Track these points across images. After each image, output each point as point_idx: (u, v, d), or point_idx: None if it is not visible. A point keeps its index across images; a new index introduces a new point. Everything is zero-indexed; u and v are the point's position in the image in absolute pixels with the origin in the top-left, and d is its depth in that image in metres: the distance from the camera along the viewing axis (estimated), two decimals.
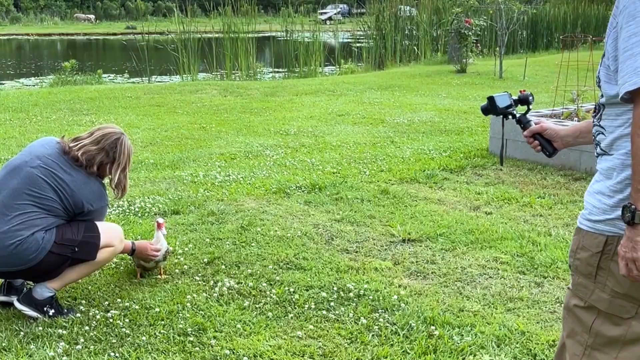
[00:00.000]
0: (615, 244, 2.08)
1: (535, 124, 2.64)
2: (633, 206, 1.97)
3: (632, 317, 2.13)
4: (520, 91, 2.77)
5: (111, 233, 3.90)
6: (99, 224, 3.85)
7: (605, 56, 2.10)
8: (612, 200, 2.08)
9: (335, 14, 54.28)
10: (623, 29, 1.98)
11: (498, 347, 3.47)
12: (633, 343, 2.15)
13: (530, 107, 2.74)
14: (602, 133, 2.15)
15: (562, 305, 2.40)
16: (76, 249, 3.71)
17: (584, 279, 2.20)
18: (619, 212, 2.03)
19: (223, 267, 4.51)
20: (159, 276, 4.38)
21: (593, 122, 2.22)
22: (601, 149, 2.16)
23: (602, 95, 2.14)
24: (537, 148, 2.63)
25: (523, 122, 2.68)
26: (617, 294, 2.12)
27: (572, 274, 2.28)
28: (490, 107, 2.74)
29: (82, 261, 3.79)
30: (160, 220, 4.31)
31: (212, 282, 4.28)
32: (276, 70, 20.17)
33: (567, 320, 2.30)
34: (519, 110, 2.74)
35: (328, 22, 41.31)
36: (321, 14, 47.24)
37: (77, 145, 3.82)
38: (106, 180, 4.03)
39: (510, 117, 2.72)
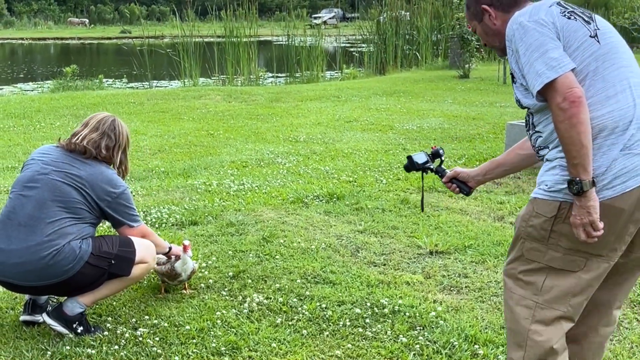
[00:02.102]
0: (567, 208, 2.39)
1: (450, 171, 3.14)
2: (577, 178, 2.31)
3: (581, 269, 2.45)
4: (432, 147, 3.24)
5: (146, 250, 3.78)
6: (134, 239, 3.73)
7: (515, 79, 2.54)
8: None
9: (329, 18, 54.19)
10: (519, 50, 2.44)
11: None
12: (582, 292, 2.47)
13: (443, 158, 3.21)
14: (540, 136, 2.52)
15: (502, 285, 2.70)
16: (112, 262, 3.59)
17: (537, 243, 2.49)
18: None
19: (249, 281, 4.39)
20: (184, 291, 4.26)
21: (529, 133, 2.60)
22: (542, 147, 2.53)
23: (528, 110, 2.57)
24: (456, 190, 3.13)
25: (440, 172, 3.18)
26: (569, 250, 2.43)
27: (522, 242, 2.54)
28: (410, 165, 3.22)
29: (115, 276, 3.67)
30: (187, 242, 4.17)
31: (240, 297, 4.16)
32: (277, 75, 20.04)
33: (512, 291, 2.58)
34: (435, 163, 3.22)
35: (323, 26, 41.21)
36: (315, 18, 47.14)
37: (79, 138, 3.73)
38: None
39: (429, 171, 3.20)
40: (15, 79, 22.10)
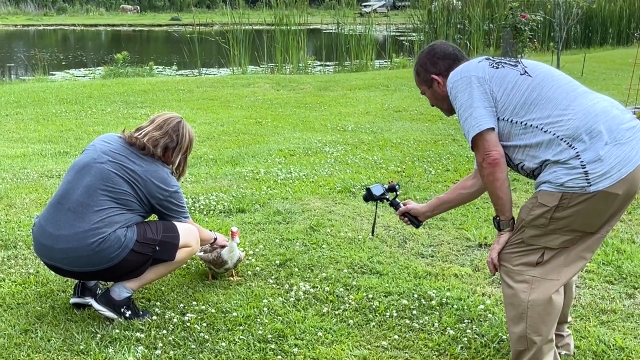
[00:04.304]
0: (568, 198, 2.69)
1: (404, 204, 3.55)
2: (497, 217, 2.93)
3: (574, 244, 2.82)
4: (390, 182, 3.61)
5: (189, 234, 3.80)
6: (177, 224, 3.75)
7: None
8: (569, 169, 2.68)
9: (380, 6, 53.79)
10: (455, 107, 2.94)
11: None
12: (573, 262, 2.85)
13: (398, 193, 3.60)
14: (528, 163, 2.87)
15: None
16: (157, 248, 3.62)
17: (537, 230, 2.82)
18: (575, 174, 2.66)
19: (296, 269, 4.39)
20: (231, 278, 4.28)
21: (514, 169, 2.96)
22: (536, 168, 2.82)
23: None
24: (408, 223, 3.56)
25: (394, 205, 3.57)
26: (565, 232, 2.77)
27: (523, 230, 2.86)
28: (369, 196, 3.59)
29: (160, 261, 3.70)
30: (234, 229, 4.18)
31: (286, 285, 4.16)
32: (325, 63, 19.98)
33: (510, 269, 2.92)
34: (390, 196, 3.58)
35: (373, 14, 40.88)
36: (365, 6, 46.86)
37: (141, 133, 3.76)
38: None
39: (385, 201, 3.58)
40: (67, 65, 22.39)
